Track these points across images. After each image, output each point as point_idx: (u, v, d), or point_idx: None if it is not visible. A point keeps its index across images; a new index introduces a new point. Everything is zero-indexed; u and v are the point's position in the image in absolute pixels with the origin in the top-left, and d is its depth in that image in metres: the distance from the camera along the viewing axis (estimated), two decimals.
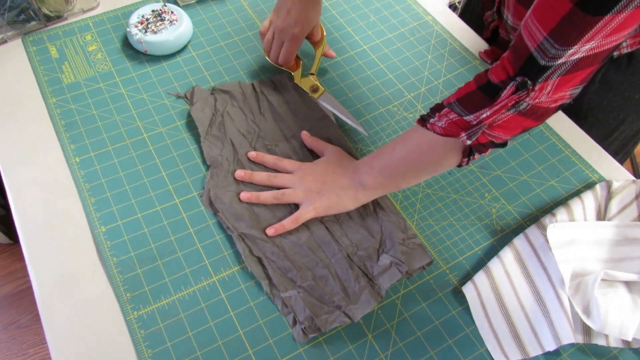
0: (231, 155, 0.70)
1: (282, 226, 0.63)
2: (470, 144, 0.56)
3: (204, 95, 0.76)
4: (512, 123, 0.53)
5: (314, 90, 0.75)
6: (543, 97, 0.50)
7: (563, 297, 0.58)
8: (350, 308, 0.58)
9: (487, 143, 0.56)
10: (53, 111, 0.74)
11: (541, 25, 0.46)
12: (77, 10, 0.86)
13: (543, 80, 0.48)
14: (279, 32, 0.73)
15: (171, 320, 0.58)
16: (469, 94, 0.54)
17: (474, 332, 0.60)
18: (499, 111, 0.52)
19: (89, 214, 0.65)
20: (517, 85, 0.50)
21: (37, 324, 1.38)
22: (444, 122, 0.56)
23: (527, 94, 0.49)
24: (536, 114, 0.52)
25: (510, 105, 0.51)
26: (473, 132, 0.54)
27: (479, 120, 0.53)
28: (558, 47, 0.45)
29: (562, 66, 0.47)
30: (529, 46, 0.48)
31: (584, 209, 0.65)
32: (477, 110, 0.53)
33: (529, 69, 0.48)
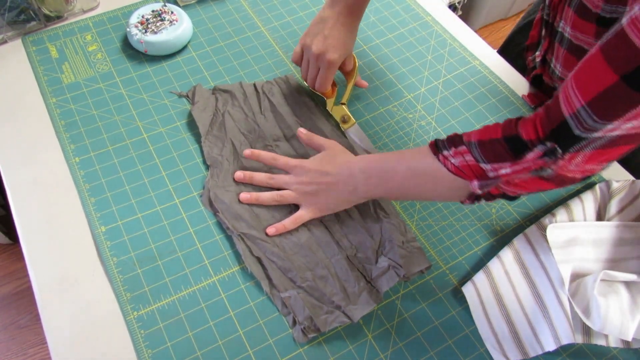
0: (231, 155, 0.70)
1: (283, 226, 0.63)
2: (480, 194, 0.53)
3: (205, 95, 0.76)
4: (531, 184, 0.50)
5: (344, 121, 0.74)
6: (571, 167, 0.46)
7: (563, 297, 0.58)
8: (350, 308, 0.58)
9: (498, 195, 0.53)
10: (53, 111, 0.74)
11: (580, 92, 0.43)
12: (77, 10, 0.86)
13: (574, 150, 0.45)
14: (316, 58, 0.70)
15: (171, 320, 0.59)
16: (492, 141, 0.50)
17: (474, 332, 0.60)
18: (521, 172, 0.48)
19: (89, 214, 0.65)
20: (546, 151, 0.46)
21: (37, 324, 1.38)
22: (458, 160, 0.52)
23: (554, 161, 0.46)
24: (559, 180, 0.49)
25: (534, 169, 0.48)
26: (487, 184, 0.51)
27: (496, 175, 0.50)
28: (597, 119, 0.42)
29: (597, 140, 0.43)
30: (564, 111, 0.44)
31: (584, 209, 0.65)
32: (497, 162, 0.49)
33: (560, 136, 0.45)
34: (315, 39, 0.69)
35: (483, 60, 0.84)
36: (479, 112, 0.78)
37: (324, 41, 0.68)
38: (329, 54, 0.68)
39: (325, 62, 0.69)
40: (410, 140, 0.75)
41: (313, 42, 0.69)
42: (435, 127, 0.76)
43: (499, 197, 0.53)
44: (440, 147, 0.54)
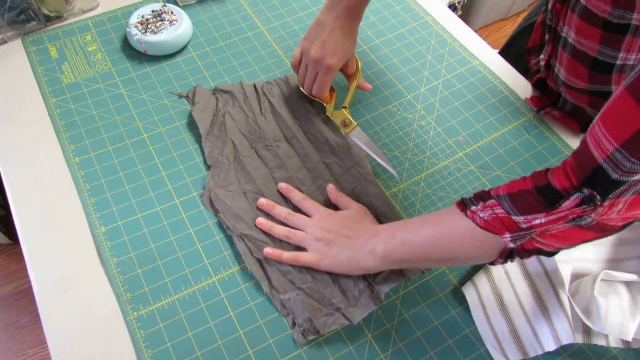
0: (232, 154, 0.70)
1: (280, 256, 0.61)
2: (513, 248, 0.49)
3: (205, 95, 0.76)
4: (570, 234, 0.47)
5: (346, 125, 0.72)
6: (612, 214, 0.44)
7: (563, 297, 0.58)
8: (350, 311, 0.58)
9: (533, 250, 0.49)
10: (53, 111, 0.74)
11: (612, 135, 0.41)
12: (77, 10, 0.86)
13: (614, 196, 0.42)
14: (314, 63, 0.68)
15: (171, 321, 0.59)
16: (522, 192, 0.48)
17: (473, 332, 0.60)
18: (557, 221, 0.46)
19: (89, 214, 0.65)
20: (583, 199, 0.43)
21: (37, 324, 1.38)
22: (487, 214, 0.49)
23: (593, 209, 0.43)
24: (599, 228, 0.46)
25: (571, 218, 0.45)
26: (520, 237, 0.48)
27: (529, 225, 0.47)
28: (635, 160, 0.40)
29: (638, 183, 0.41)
30: (596, 156, 0.42)
31: None
32: (530, 213, 0.47)
33: (597, 182, 0.43)
34: (314, 43, 0.68)
35: (483, 60, 0.84)
36: (479, 112, 0.78)
37: (322, 46, 0.67)
38: (328, 59, 0.67)
39: (323, 67, 0.68)
40: (410, 140, 0.75)
41: (312, 47, 0.68)
42: (435, 127, 0.76)
43: (534, 252, 0.50)
44: (468, 203, 0.52)
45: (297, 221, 0.64)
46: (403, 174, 0.72)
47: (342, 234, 0.61)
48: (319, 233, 0.62)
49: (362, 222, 0.63)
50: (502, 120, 0.77)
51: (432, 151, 0.74)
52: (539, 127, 0.76)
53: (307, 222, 0.64)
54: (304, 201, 0.66)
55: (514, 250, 0.50)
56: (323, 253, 0.61)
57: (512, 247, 0.49)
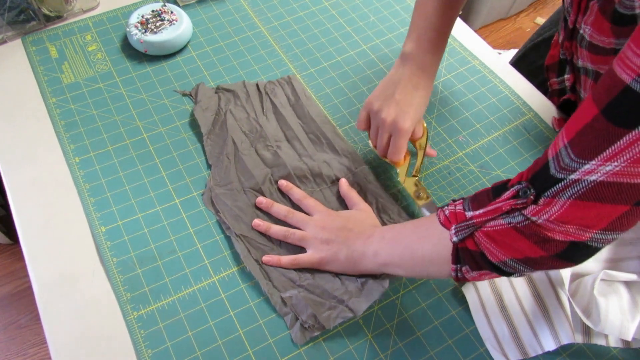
0: (232, 153, 0.70)
1: (279, 261, 0.61)
2: (457, 244, 0.48)
3: (208, 94, 0.76)
4: (507, 238, 0.44)
5: (419, 197, 0.66)
6: (545, 216, 0.41)
7: (563, 297, 0.58)
8: (353, 301, 0.58)
9: (477, 255, 0.47)
10: (53, 111, 0.74)
11: (565, 132, 0.40)
12: (77, 10, 0.86)
13: (550, 195, 0.41)
14: (386, 125, 0.63)
15: (171, 320, 0.59)
16: (482, 192, 0.48)
17: (473, 332, 0.60)
18: (492, 213, 0.45)
19: (89, 214, 0.65)
20: (519, 190, 0.43)
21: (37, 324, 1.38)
22: (448, 210, 0.50)
23: (525, 203, 0.42)
24: (536, 236, 0.42)
25: (505, 211, 0.44)
26: (462, 228, 0.47)
27: (471, 216, 0.47)
28: (573, 157, 0.38)
29: (575, 184, 0.39)
30: (549, 154, 0.42)
31: None
32: (478, 207, 0.47)
33: (538, 177, 0.42)
34: (385, 104, 0.63)
35: (483, 60, 0.84)
36: (479, 112, 0.78)
37: (395, 107, 0.62)
38: (401, 121, 0.62)
39: (397, 131, 0.62)
40: None
41: (382, 108, 0.63)
42: (435, 126, 0.76)
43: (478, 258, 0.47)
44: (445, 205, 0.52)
45: (297, 219, 0.64)
46: None
47: (341, 234, 0.61)
48: (318, 232, 0.61)
49: (362, 223, 0.62)
50: (502, 120, 0.77)
51: None
52: (539, 127, 0.76)
53: (307, 220, 0.63)
54: (304, 199, 0.65)
55: (459, 252, 0.48)
56: (322, 252, 0.61)
57: (457, 245, 0.48)
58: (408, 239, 0.55)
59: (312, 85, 0.80)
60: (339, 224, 0.62)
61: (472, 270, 0.48)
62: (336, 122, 0.76)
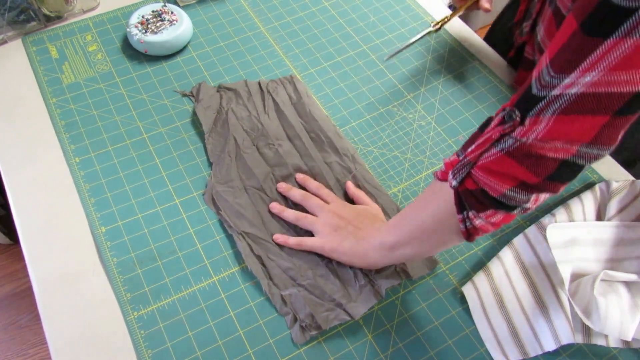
0: (233, 151, 0.70)
1: (286, 241, 0.63)
2: (457, 189, 0.47)
3: (209, 92, 0.76)
4: (500, 166, 0.44)
5: None
6: (533, 135, 0.41)
7: (563, 298, 0.58)
8: (351, 306, 0.58)
9: (479, 193, 0.46)
10: (53, 111, 0.74)
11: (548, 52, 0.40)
12: (77, 10, 0.86)
13: (535, 114, 0.41)
14: None
15: (171, 321, 0.59)
16: (471, 135, 0.48)
17: (473, 332, 0.60)
18: (484, 144, 0.44)
19: (89, 215, 0.65)
20: (504, 116, 0.43)
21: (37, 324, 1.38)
22: (443, 164, 0.51)
23: (512, 126, 0.42)
24: (528, 159, 0.42)
25: (495, 139, 0.44)
26: (457, 169, 0.47)
27: (464, 154, 0.46)
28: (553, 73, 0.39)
29: (557, 100, 0.39)
30: (533, 75, 0.41)
31: (584, 209, 0.65)
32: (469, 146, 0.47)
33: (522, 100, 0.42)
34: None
35: (483, 60, 0.84)
36: (479, 112, 0.78)
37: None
38: None
39: None
40: (410, 140, 0.75)
41: None
42: (435, 127, 0.76)
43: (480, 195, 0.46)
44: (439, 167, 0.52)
45: (313, 203, 0.64)
46: (403, 174, 0.72)
47: (353, 224, 0.61)
48: (329, 218, 0.62)
49: (374, 218, 0.63)
50: None
51: (432, 151, 0.74)
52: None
53: (322, 205, 0.64)
54: (320, 190, 0.66)
55: (462, 197, 0.47)
56: (328, 238, 0.61)
57: (458, 189, 0.47)
58: (412, 214, 0.55)
59: (312, 85, 0.80)
60: (353, 215, 0.63)
61: (478, 214, 0.47)
62: (336, 122, 0.76)
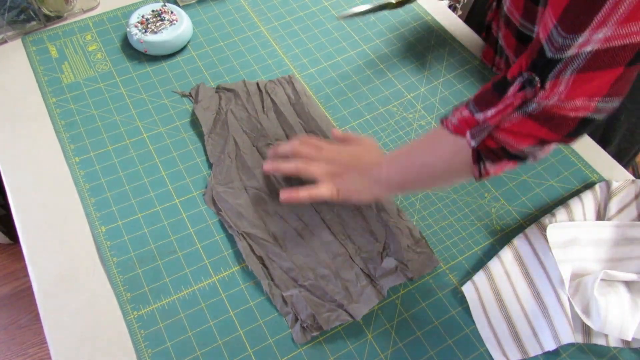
0: (233, 152, 0.70)
1: (297, 194, 0.61)
2: (476, 147, 0.50)
3: (208, 93, 0.76)
4: (523, 128, 0.46)
5: None
6: (555, 98, 0.43)
7: (563, 297, 0.58)
8: (352, 307, 0.58)
9: (498, 150, 0.49)
10: (53, 111, 0.74)
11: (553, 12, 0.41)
12: (77, 10, 0.86)
13: (554, 77, 0.42)
14: None
15: (171, 320, 0.59)
16: (484, 92, 0.50)
17: (474, 332, 0.60)
18: (505, 110, 0.46)
19: (89, 214, 0.65)
20: (524, 82, 0.44)
21: (37, 324, 1.38)
22: (456, 118, 0.52)
23: (533, 91, 0.44)
24: (550, 121, 0.45)
25: (517, 105, 0.45)
26: (478, 132, 0.49)
27: (484, 119, 0.48)
28: (565, 34, 0.40)
29: (574, 60, 0.41)
30: (541, 37, 0.42)
31: (584, 209, 0.65)
32: (486, 107, 0.48)
33: (538, 64, 0.43)
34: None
35: (483, 60, 0.84)
36: None
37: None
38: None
39: None
40: (410, 140, 0.75)
41: None
42: (435, 127, 0.76)
43: (500, 153, 0.49)
44: (447, 115, 0.54)
45: (307, 151, 0.64)
46: None
47: (352, 166, 0.63)
48: (332, 167, 0.63)
49: (369, 154, 0.64)
50: None
51: None
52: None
53: (317, 155, 0.64)
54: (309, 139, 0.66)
55: (480, 152, 0.50)
56: (337, 185, 0.62)
57: (476, 148, 0.50)
58: (421, 158, 0.57)
59: (312, 85, 0.80)
60: (348, 158, 0.64)
61: (493, 164, 0.50)
62: (336, 122, 0.76)
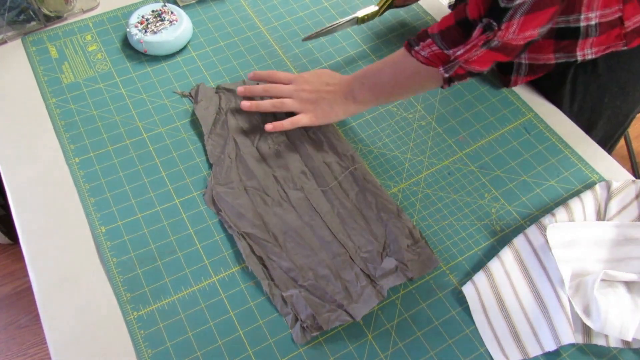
0: (233, 152, 0.70)
1: (281, 125, 0.68)
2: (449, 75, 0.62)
3: (208, 93, 0.76)
4: (485, 58, 0.59)
5: None
6: (510, 35, 0.55)
7: (563, 297, 0.58)
8: (352, 307, 0.58)
9: (465, 74, 0.62)
10: (53, 111, 0.74)
11: None
12: (77, 10, 0.86)
13: (507, 20, 0.54)
14: None
15: (171, 321, 0.59)
16: (449, 28, 0.59)
17: (474, 332, 0.60)
18: (472, 50, 0.58)
19: (89, 214, 0.65)
20: (485, 27, 0.55)
21: (37, 324, 1.38)
22: (427, 52, 0.62)
23: (494, 34, 0.55)
24: (506, 50, 0.58)
25: (481, 44, 0.57)
26: (450, 67, 0.60)
27: (455, 56, 0.59)
28: None
29: (522, 6, 0.52)
30: None
31: (584, 209, 0.65)
32: (455, 46, 0.59)
33: (493, 11, 0.54)
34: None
35: None
36: (479, 112, 0.78)
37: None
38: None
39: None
40: (411, 140, 0.75)
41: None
42: (435, 127, 0.76)
43: (467, 75, 0.63)
44: (412, 44, 0.63)
45: (279, 89, 0.71)
46: (403, 174, 0.72)
47: (324, 91, 0.70)
48: (304, 95, 0.70)
49: (334, 75, 0.72)
50: (502, 120, 0.77)
51: (432, 151, 0.74)
52: (539, 127, 0.76)
53: (289, 89, 0.71)
54: (274, 75, 0.72)
55: (451, 76, 0.62)
56: (313, 111, 0.69)
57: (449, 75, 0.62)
58: (394, 79, 0.67)
59: None
60: (315, 82, 0.70)
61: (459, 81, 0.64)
62: (336, 122, 0.76)
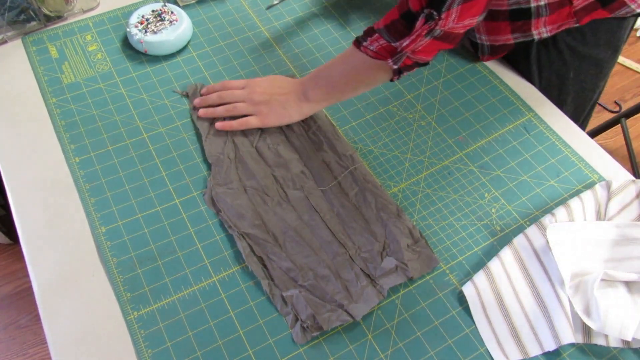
0: (232, 152, 0.70)
1: (230, 125, 0.71)
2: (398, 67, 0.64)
3: None
4: (430, 47, 0.61)
5: None
6: (450, 23, 0.58)
7: (563, 297, 0.58)
8: (352, 307, 0.58)
9: (412, 64, 0.64)
10: (53, 111, 0.74)
11: None
12: (77, 10, 0.86)
13: (446, 9, 0.56)
14: None
15: (171, 320, 0.59)
16: (394, 22, 0.61)
17: (474, 332, 0.60)
18: (417, 39, 0.59)
19: (89, 214, 0.65)
20: (426, 17, 0.57)
21: (37, 324, 1.38)
22: (375, 46, 0.63)
23: (435, 23, 0.57)
24: (449, 38, 0.60)
25: (425, 34, 0.59)
26: (398, 58, 0.62)
27: (402, 48, 0.61)
28: None
29: None
30: None
31: (584, 209, 0.65)
32: (401, 37, 0.60)
33: (433, 2, 0.56)
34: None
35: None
36: (479, 112, 0.78)
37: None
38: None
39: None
40: (410, 140, 0.75)
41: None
42: (435, 127, 0.76)
43: (414, 65, 0.64)
44: (361, 40, 0.65)
45: (233, 94, 0.73)
46: (403, 174, 0.72)
47: (276, 93, 0.72)
48: (256, 97, 0.72)
49: (285, 80, 0.74)
50: (502, 120, 0.77)
51: (432, 151, 0.74)
52: (539, 127, 0.76)
53: (242, 93, 0.73)
54: (227, 84, 0.75)
55: (400, 67, 0.64)
56: (265, 112, 0.71)
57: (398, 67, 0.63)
58: (345, 76, 0.69)
59: None
60: (268, 85, 0.73)
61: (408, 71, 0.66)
62: (336, 122, 0.76)
